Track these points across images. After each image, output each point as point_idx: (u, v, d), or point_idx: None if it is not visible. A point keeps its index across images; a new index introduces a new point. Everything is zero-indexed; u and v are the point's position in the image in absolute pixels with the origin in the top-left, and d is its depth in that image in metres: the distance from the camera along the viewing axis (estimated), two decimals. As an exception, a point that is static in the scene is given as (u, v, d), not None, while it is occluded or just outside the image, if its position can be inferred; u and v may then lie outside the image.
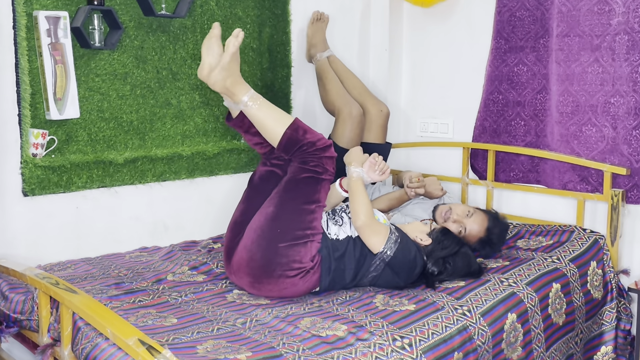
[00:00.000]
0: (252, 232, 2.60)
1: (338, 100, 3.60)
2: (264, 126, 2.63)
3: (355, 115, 3.54)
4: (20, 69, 2.73)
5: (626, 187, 3.19)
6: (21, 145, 2.77)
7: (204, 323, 2.31)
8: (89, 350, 2.01)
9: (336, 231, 2.72)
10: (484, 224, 3.10)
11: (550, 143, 3.42)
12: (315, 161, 2.61)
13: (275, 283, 2.56)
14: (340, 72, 3.73)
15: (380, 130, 3.69)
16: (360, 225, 2.65)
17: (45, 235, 2.88)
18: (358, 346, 2.16)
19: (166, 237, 3.27)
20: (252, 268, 2.58)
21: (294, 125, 2.61)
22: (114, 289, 2.57)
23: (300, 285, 2.58)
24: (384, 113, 3.69)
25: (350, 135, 3.52)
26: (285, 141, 2.60)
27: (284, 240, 2.56)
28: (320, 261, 2.61)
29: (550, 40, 3.39)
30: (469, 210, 3.13)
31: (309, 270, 2.58)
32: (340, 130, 3.55)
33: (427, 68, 3.99)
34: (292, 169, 2.64)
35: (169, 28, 3.17)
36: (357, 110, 3.56)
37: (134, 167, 3.09)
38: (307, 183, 2.62)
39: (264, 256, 2.56)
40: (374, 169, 2.77)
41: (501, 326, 2.54)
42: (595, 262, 3.08)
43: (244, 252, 2.60)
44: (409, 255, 2.67)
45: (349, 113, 3.54)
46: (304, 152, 2.61)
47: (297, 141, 2.60)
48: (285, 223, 2.58)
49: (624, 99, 3.13)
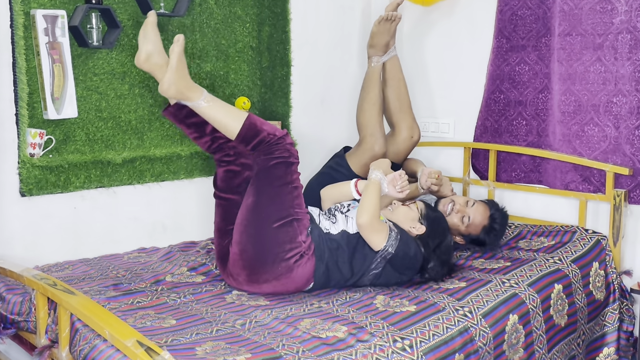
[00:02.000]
0: (239, 227, 2.65)
1: (369, 127, 3.53)
2: (219, 121, 2.67)
3: (377, 153, 3.46)
4: (18, 68, 2.72)
5: (629, 187, 3.18)
6: (18, 145, 2.77)
7: (203, 324, 2.31)
8: (87, 351, 2.00)
9: (328, 226, 2.76)
10: (486, 211, 3.16)
11: (552, 143, 3.41)
12: (280, 149, 2.67)
13: (271, 270, 2.58)
14: (390, 76, 3.66)
15: (404, 153, 3.65)
16: (363, 223, 2.65)
17: (43, 236, 2.88)
18: (358, 347, 2.15)
19: (165, 237, 3.26)
20: (245, 260, 2.60)
21: (251, 118, 2.67)
22: (112, 290, 2.56)
23: (295, 273, 2.59)
24: (413, 140, 3.64)
25: (364, 167, 3.44)
26: (245, 132, 2.64)
27: (270, 223, 2.60)
28: (314, 248, 2.64)
29: (552, 39, 3.37)
30: (468, 201, 3.19)
31: (302, 255, 2.60)
32: (359, 156, 3.49)
33: (427, 67, 3.97)
34: (260, 162, 2.68)
35: (168, 27, 3.16)
36: (379, 148, 3.48)
37: (132, 167, 3.08)
38: (278, 168, 2.66)
39: (255, 244, 2.60)
40: (395, 184, 2.80)
41: (503, 327, 2.53)
42: (597, 263, 3.07)
43: (235, 247, 2.64)
44: (409, 252, 2.69)
45: (371, 147, 3.48)
46: (268, 144, 2.66)
47: (257, 132, 2.65)
48: (267, 208, 2.62)
49: (627, 98, 3.11)
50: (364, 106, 3.58)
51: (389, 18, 3.54)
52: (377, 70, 3.61)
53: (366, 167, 3.40)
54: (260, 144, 2.66)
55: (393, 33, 3.63)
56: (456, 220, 3.13)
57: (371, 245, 2.67)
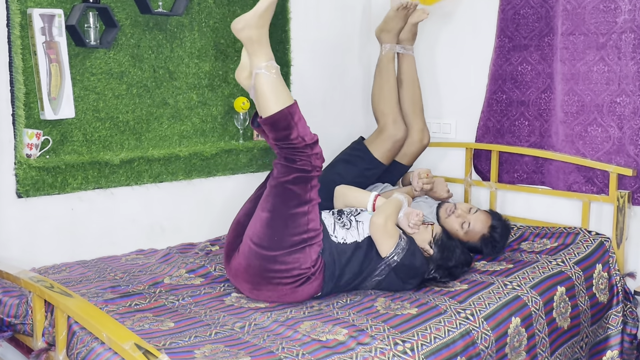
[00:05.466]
0: (249, 239, 2.58)
1: (389, 115, 3.53)
2: (263, 94, 2.53)
3: (399, 140, 3.49)
4: (14, 67, 2.72)
5: (632, 188, 3.17)
6: (15, 146, 2.76)
7: (202, 327, 2.30)
8: (84, 354, 1.99)
9: (343, 235, 2.70)
10: (487, 221, 3.13)
11: (554, 143, 3.39)
12: (304, 159, 2.55)
13: (275, 290, 2.55)
14: (406, 77, 3.66)
15: (413, 157, 3.64)
16: (378, 222, 2.63)
17: (40, 238, 2.87)
18: (359, 350, 2.14)
19: (163, 239, 3.25)
20: (250, 275, 2.56)
21: (292, 108, 2.53)
22: (109, 293, 2.55)
23: (300, 292, 2.56)
24: (423, 144, 3.64)
25: (386, 153, 3.49)
26: (277, 117, 2.50)
27: (281, 248, 2.53)
28: (324, 267, 2.58)
29: (554, 38, 3.35)
30: (471, 208, 3.17)
31: (309, 277, 2.55)
32: (378, 144, 3.50)
33: (429, 67, 3.96)
34: (279, 169, 2.58)
35: (166, 26, 3.15)
36: (401, 135, 3.50)
37: (130, 168, 3.06)
38: (296, 183, 2.56)
39: (262, 265, 2.54)
40: (409, 219, 2.76)
41: (505, 330, 2.52)
42: (600, 265, 3.06)
43: (242, 259, 2.58)
44: (415, 262, 2.67)
45: (393, 135, 3.49)
46: (292, 148, 2.53)
47: (287, 125, 2.51)
48: (281, 230, 2.54)
49: (630, 98, 3.10)
50: (383, 93, 3.57)
51: (405, 7, 3.56)
52: (391, 57, 3.61)
53: (389, 153, 3.47)
54: (283, 141, 2.53)
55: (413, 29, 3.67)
56: (456, 225, 3.12)
57: (379, 249, 2.65)
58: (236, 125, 3.43)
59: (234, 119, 3.42)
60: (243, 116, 3.41)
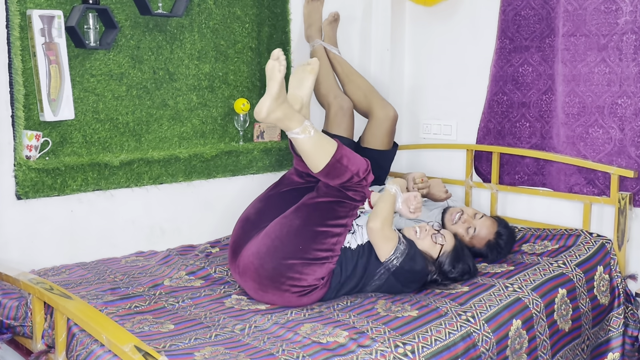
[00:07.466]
0: (269, 240, 2.55)
1: (329, 93, 3.60)
2: (307, 153, 2.56)
3: (347, 109, 3.55)
4: (14, 69, 2.71)
5: (634, 190, 3.16)
6: (14, 147, 2.75)
7: (202, 329, 2.29)
8: (84, 357, 1.99)
9: (349, 239, 2.69)
10: (493, 227, 3.12)
11: (556, 145, 3.39)
12: (358, 190, 2.60)
13: (280, 295, 2.54)
14: (343, 74, 3.69)
15: (387, 136, 3.61)
16: (375, 227, 2.62)
17: (39, 240, 2.86)
18: (359, 353, 2.13)
19: (163, 241, 3.25)
20: (260, 276, 2.54)
21: (338, 155, 2.54)
22: (109, 295, 2.55)
23: (305, 300, 2.56)
24: (390, 117, 3.58)
25: (344, 127, 3.54)
26: (329, 170, 2.54)
27: (302, 258, 2.52)
28: (331, 277, 2.59)
29: (556, 39, 3.35)
30: (477, 213, 3.16)
31: (317, 287, 2.55)
32: (334, 124, 3.54)
33: (430, 68, 3.95)
34: (329, 191, 2.59)
35: (166, 27, 3.14)
36: (347, 104, 3.57)
37: (130, 170, 3.05)
38: (343, 207, 2.59)
39: (276, 268, 2.52)
40: (409, 204, 2.77)
41: (506, 333, 2.51)
42: (602, 267, 3.05)
43: (255, 258, 2.55)
44: (415, 267, 2.65)
45: (340, 107, 3.55)
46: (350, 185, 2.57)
47: (341, 172, 2.54)
48: (308, 242, 2.53)
49: (632, 99, 3.09)
50: (318, 79, 3.56)
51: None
52: (319, 49, 3.65)
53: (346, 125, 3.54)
54: (344, 184, 2.56)
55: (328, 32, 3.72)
56: (461, 230, 3.10)
57: (378, 252, 2.63)
58: (236, 127, 3.43)
59: (234, 120, 3.42)
60: (243, 118, 3.41)
